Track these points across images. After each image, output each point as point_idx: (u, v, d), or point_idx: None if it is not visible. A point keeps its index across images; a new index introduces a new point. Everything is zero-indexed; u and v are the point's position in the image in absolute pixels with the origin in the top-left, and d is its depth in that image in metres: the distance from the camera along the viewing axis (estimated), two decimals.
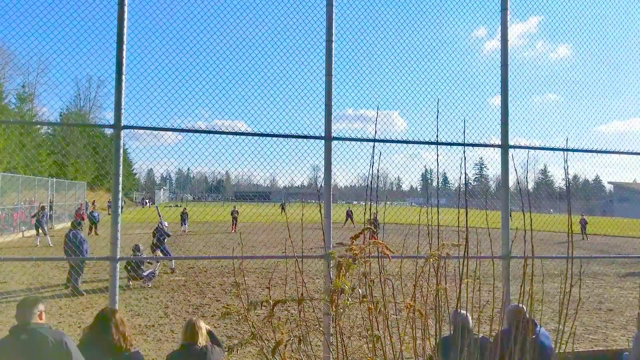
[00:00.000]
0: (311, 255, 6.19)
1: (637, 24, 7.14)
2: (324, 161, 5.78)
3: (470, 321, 4.24)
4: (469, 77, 6.69)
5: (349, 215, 32.35)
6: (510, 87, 6.41)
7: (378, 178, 3.07)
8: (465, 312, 4.02)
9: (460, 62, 6.66)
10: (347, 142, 5.98)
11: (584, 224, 28.44)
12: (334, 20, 5.82)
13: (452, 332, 3.44)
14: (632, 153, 7.07)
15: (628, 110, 7.14)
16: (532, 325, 2.88)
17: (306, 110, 6.12)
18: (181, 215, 29.20)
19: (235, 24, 5.88)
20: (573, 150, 6.83)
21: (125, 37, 5.24)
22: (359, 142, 6.04)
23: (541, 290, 2.97)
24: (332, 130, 5.77)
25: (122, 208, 5.38)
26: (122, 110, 5.20)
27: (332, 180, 5.78)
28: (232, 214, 29.19)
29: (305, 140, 5.89)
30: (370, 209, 3.01)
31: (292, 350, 2.53)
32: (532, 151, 6.67)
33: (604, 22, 7.16)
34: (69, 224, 31.24)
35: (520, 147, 6.53)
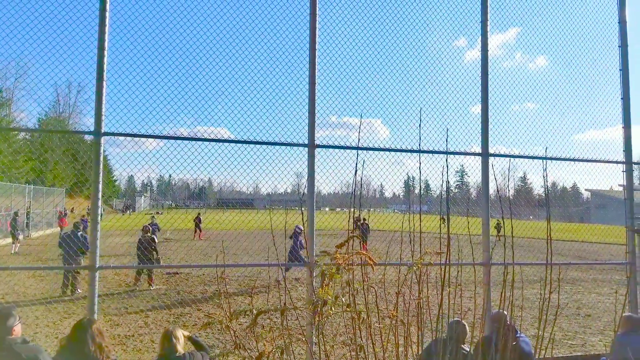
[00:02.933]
0: (294, 264, 6.17)
1: (613, 38, 7.34)
2: (307, 168, 5.79)
3: (467, 330, 4.23)
4: (450, 86, 6.79)
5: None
6: (490, 96, 6.52)
7: (361, 185, 3.08)
8: (464, 321, 4.04)
9: (441, 71, 6.76)
10: (330, 149, 6.00)
11: (498, 227, 29.04)
12: (317, 30, 5.86)
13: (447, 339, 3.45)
14: (608, 161, 7.24)
15: (603, 120, 7.33)
16: (512, 331, 2.92)
17: (290, 118, 6.13)
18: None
19: (219, 31, 5.88)
20: (552, 158, 6.97)
21: (106, 42, 5.19)
22: (342, 150, 6.07)
23: (521, 296, 3.01)
24: (316, 138, 5.78)
25: (101, 215, 5.30)
26: (103, 117, 5.14)
27: (316, 187, 5.79)
28: (195, 221, 28.51)
29: (288, 147, 5.89)
30: (353, 216, 3.02)
31: None
32: (511, 159, 6.79)
33: (580, 35, 7.35)
34: (46, 231, 30.69)
35: (500, 155, 6.64)
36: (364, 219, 21.88)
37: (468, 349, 4.18)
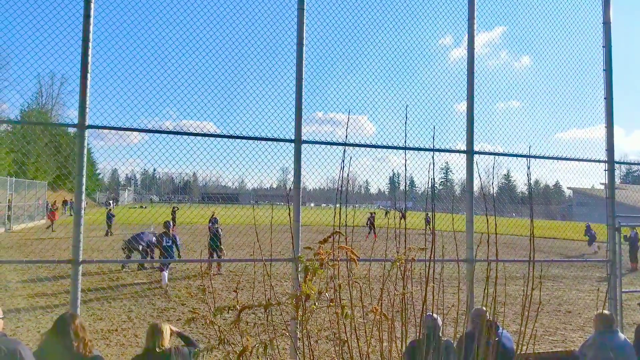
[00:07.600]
0: (279, 259, 6.15)
1: (597, 38, 7.43)
2: (293, 164, 5.78)
3: (440, 324, 4.33)
4: (435, 83, 6.82)
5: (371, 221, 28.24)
6: (475, 94, 6.56)
7: (348, 182, 3.09)
8: (436, 315, 4.10)
9: (427, 69, 6.79)
10: (317, 145, 6.00)
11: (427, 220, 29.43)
12: (304, 25, 5.84)
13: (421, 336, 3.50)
14: (590, 160, 7.35)
15: (586, 119, 7.43)
16: (494, 327, 2.95)
17: (276, 113, 6.11)
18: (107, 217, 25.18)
19: (206, 25, 5.83)
20: (535, 157, 7.06)
21: (91, 34, 5.11)
22: (328, 145, 6.07)
23: (504, 292, 3.04)
24: (302, 133, 5.78)
25: (84, 209, 5.24)
26: (87, 110, 5.07)
27: (302, 183, 5.78)
28: (172, 214, 28.59)
29: (275, 142, 5.87)
30: (340, 212, 3.03)
31: (259, 356, 2.52)
32: (496, 157, 6.85)
33: (565, 35, 7.44)
34: (29, 224, 30.27)
35: (484, 153, 6.70)
36: (372, 213, 26.87)
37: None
